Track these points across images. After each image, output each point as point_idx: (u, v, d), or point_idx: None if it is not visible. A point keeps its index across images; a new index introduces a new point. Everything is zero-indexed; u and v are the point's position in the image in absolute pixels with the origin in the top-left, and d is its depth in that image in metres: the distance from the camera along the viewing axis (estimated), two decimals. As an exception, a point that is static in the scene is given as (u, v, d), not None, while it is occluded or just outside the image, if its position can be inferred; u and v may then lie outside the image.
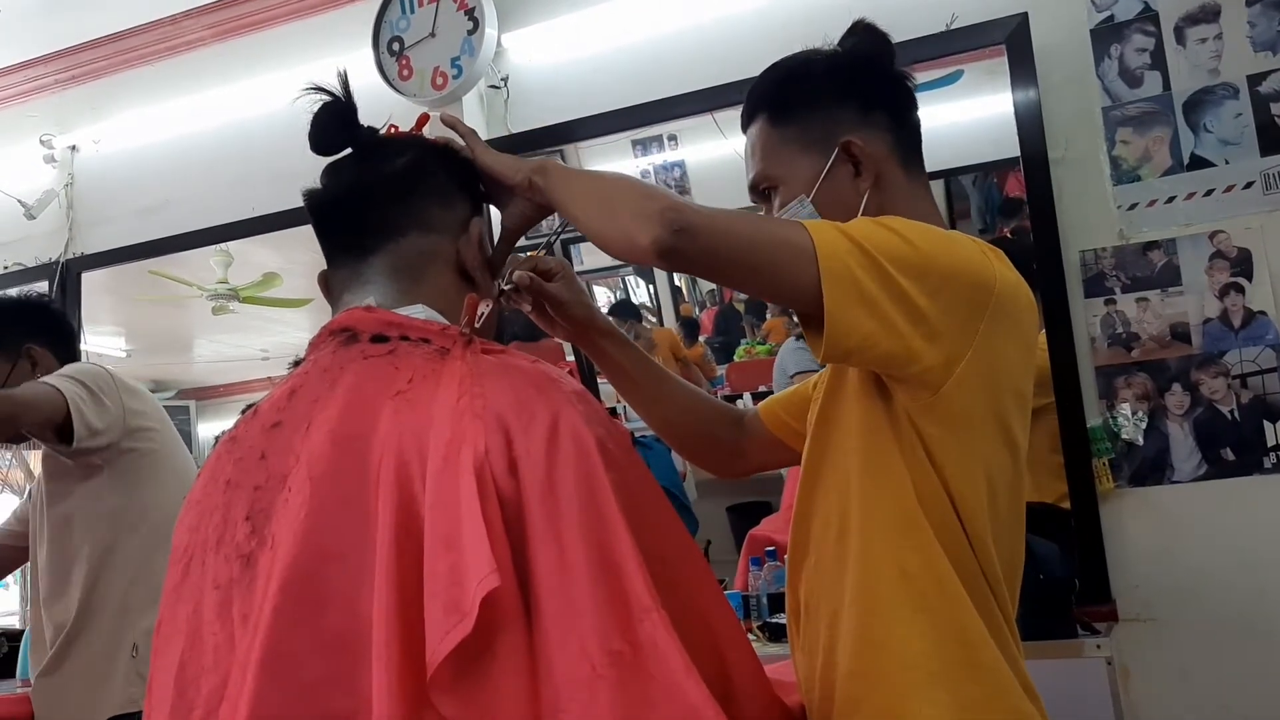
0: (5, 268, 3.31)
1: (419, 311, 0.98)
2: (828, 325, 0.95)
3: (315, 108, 1.04)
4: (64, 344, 2.27)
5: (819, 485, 1.14)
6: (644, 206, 0.95)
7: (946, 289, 0.99)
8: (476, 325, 0.95)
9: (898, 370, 1.01)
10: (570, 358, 2.88)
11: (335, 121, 1.03)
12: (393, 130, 1.08)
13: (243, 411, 1.00)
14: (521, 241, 1.17)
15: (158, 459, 2.17)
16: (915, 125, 1.22)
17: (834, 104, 1.17)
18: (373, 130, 1.06)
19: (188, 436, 3.55)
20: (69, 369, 2.06)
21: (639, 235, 0.94)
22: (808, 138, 1.17)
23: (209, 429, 3.98)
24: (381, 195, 1.02)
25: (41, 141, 3.23)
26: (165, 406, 2.35)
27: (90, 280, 3.22)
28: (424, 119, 1.14)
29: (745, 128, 1.24)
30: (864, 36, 1.21)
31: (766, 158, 1.20)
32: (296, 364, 0.99)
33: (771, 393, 2.81)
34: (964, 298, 1.00)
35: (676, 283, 3.63)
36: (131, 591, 2.07)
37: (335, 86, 1.04)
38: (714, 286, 3.56)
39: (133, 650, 2.04)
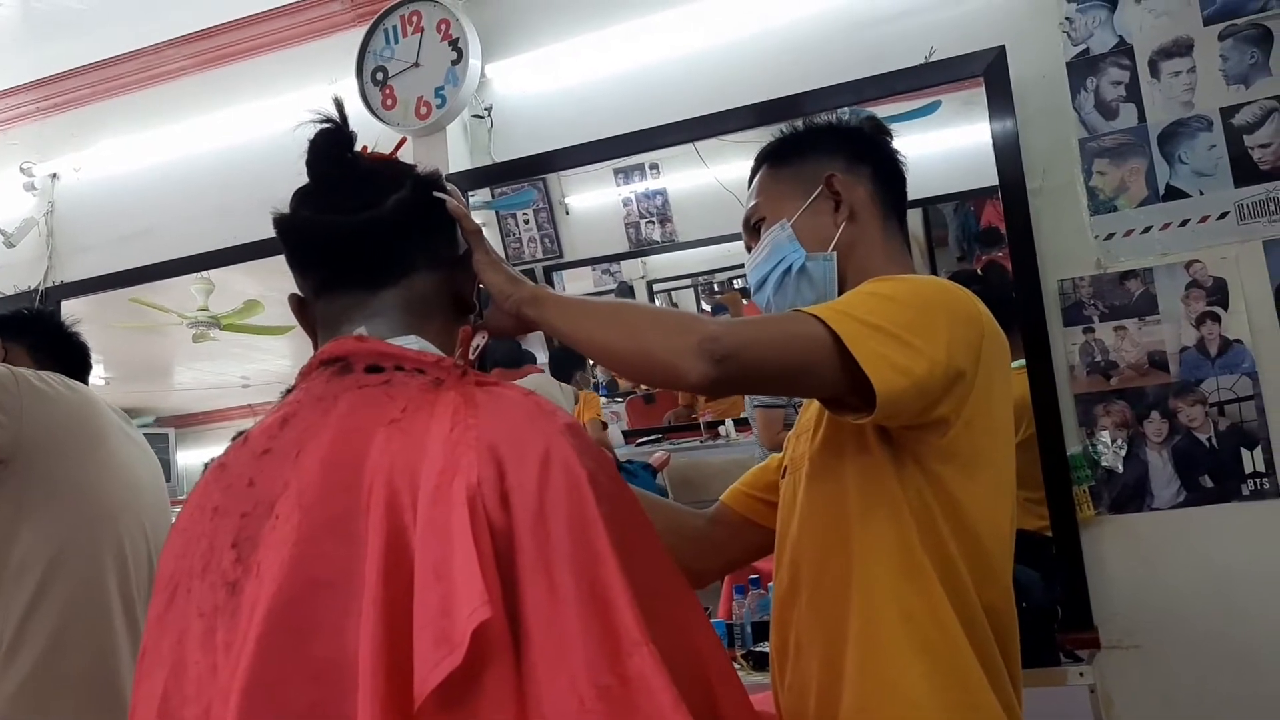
0: (-16, 295, 3.29)
1: (412, 342, 0.98)
2: (882, 408, 0.99)
3: (310, 134, 1.03)
4: (40, 345, 2.13)
5: (810, 528, 1.15)
6: (679, 343, 0.97)
7: (946, 335, 1.04)
8: (471, 357, 0.95)
9: (922, 419, 1.05)
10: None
11: (335, 147, 1.03)
12: (365, 151, 1.07)
13: (233, 439, 1.00)
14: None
15: (66, 482, 1.86)
16: (899, 189, 1.31)
17: (825, 152, 1.28)
18: (361, 158, 1.05)
19: (167, 465, 3.50)
20: None
21: (685, 372, 0.96)
22: (799, 177, 1.27)
23: (188, 456, 3.93)
24: (396, 230, 1.01)
25: (22, 169, 3.22)
26: (144, 434, 2.28)
27: (70, 308, 3.18)
28: (402, 142, 1.15)
29: (750, 181, 1.34)
30: (868, 122, 1.34)
31: (761, 195, 1.30)
32: (288, 393, 0.99)
33: (746, 419, 2.82)
34: (961, 339, 1.06)
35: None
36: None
37: (331, 111, 1.03)
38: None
39: None
